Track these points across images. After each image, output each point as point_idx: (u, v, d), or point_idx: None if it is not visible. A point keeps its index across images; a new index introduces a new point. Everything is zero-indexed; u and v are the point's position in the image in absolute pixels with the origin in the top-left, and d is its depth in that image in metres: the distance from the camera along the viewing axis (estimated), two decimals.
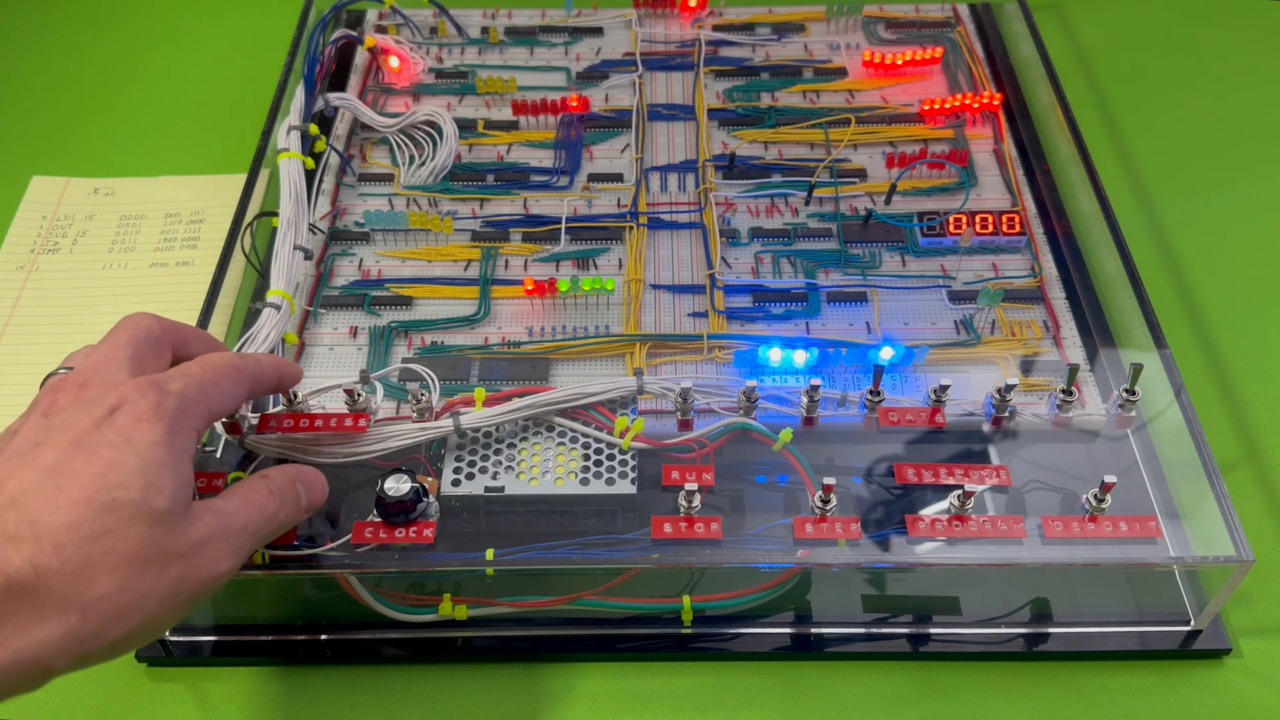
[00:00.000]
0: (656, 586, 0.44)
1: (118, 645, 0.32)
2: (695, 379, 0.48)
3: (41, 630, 0.30)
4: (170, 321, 0.40)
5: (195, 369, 0.37)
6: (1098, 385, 0.50)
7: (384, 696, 0.44)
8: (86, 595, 0.30)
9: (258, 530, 0.37)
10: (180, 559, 0.33)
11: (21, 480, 0.32)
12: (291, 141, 0.57)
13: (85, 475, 0.32)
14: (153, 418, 0.33)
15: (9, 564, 0.30)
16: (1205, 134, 0.68)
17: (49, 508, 0.31)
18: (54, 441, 0.33)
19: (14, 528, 0.30)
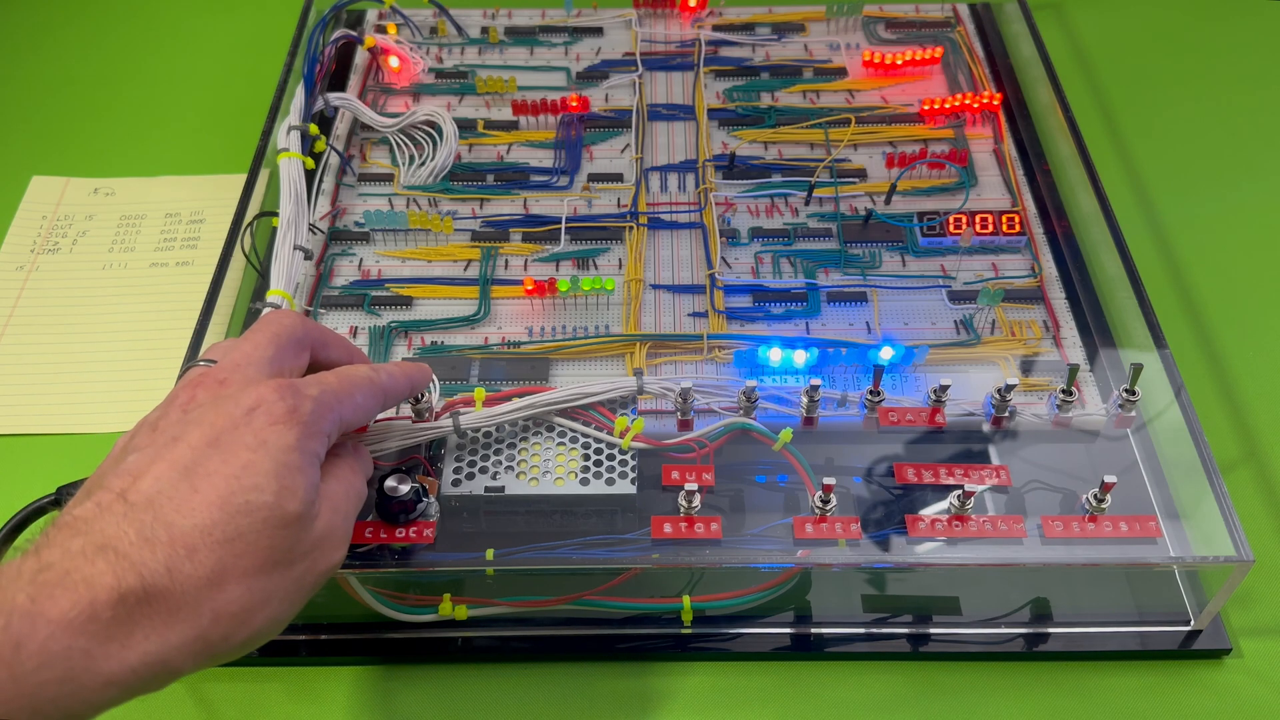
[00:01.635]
0: (656, 586, 0.44)
1: (244, 645, 0.32)
2: (695, 379, 0.48)
3: (173, 634, 0.30)
4: (312, 322, 0.41)
5: (332, 379, 0.37)
6: (1098, 385, 0.50)
7: (384, 696, 0.44)
8: (218, 600, 0.31)
9: (356, 511, 0.37)
10: (304, 556, 0.34)
11: (157, 477, 0.32)
12: (291, 141, 0.57)
13: (220, 476, 0.32)
14: (288, 421, 0.34)
15: (144, 566, 0.30)
16: (1205, 134, 0.68)
17: (184, 509, 0.31)
18: (191, 438, 0.33)
19: (150, 529, 0.30)
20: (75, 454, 0.53)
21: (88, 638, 0.28)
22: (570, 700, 0.44)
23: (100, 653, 0.29)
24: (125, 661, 0.29)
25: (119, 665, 0.29)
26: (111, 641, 0.29)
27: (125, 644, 0.29)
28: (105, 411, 0.55)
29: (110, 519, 0.30)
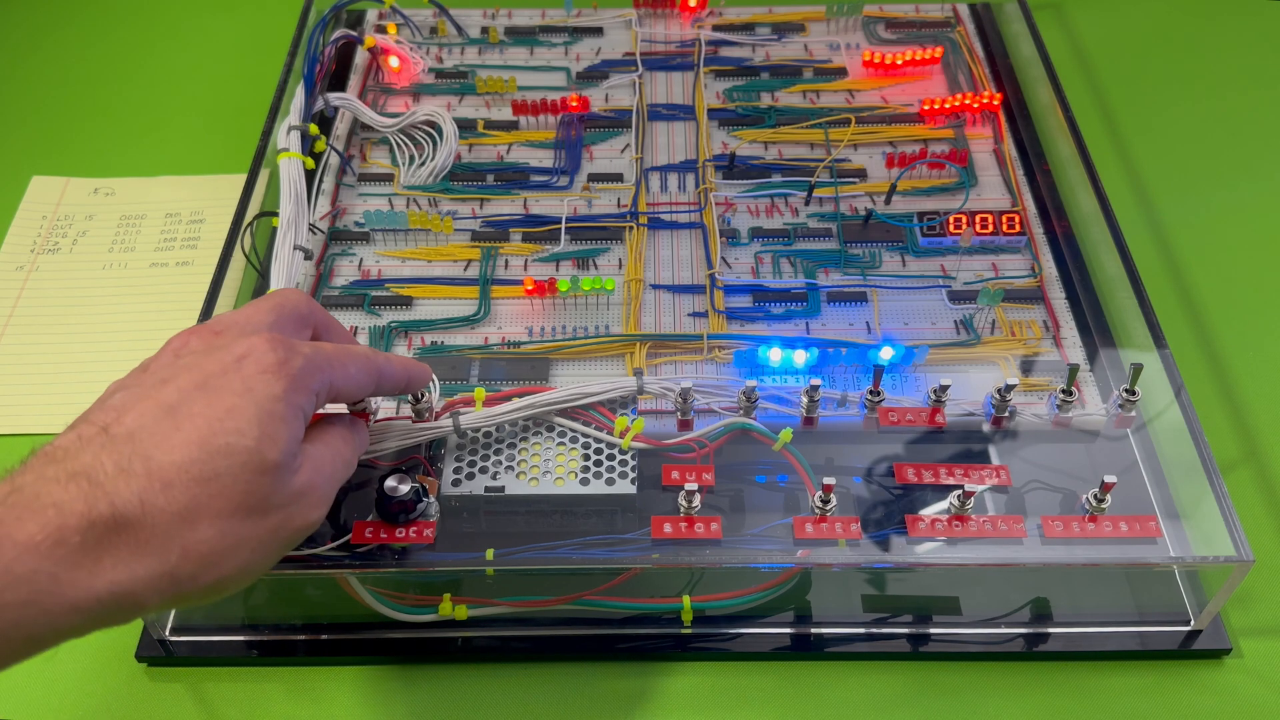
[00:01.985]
0: (656, 586, 0.44)
1: (211, 589, 0.32)
2: (695, 379, 0.48)
3: (141, 566, 0.30)
4: (318, 305, 0.41)
5: (328, 346, 0.37)
6: (1098, 385, 0.50)
7: (384, 696, 0.44)
8: (188, 537, 0.31)
9: (341, 478, 0.38)
10: (279, 509, 0.33)
11: (141, 413, 0.32)
12: (291, 141, 0.57)
13: (204, 417, 0.32)
14: (277, 371, 0.34)
15: (118, 495, 0.30)
16: (1205, 134, 0.68)
17: (164, 445, 0.31)
18: (179, 380, 0.33)
19: (127, 460, 0.31)
20: None
21: (54, 562, 0.29)
22: (570, 700, 0.44)
23: (67, 578, 0.29)
24: (91, 589, 0.29)
25: (85, 592, 0.29)
26: (78, 568, 0.29)
27: (92, 571, 0.29)
28: None
29: (89, 449, 0.31)
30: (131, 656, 0.45)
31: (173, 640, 0.45)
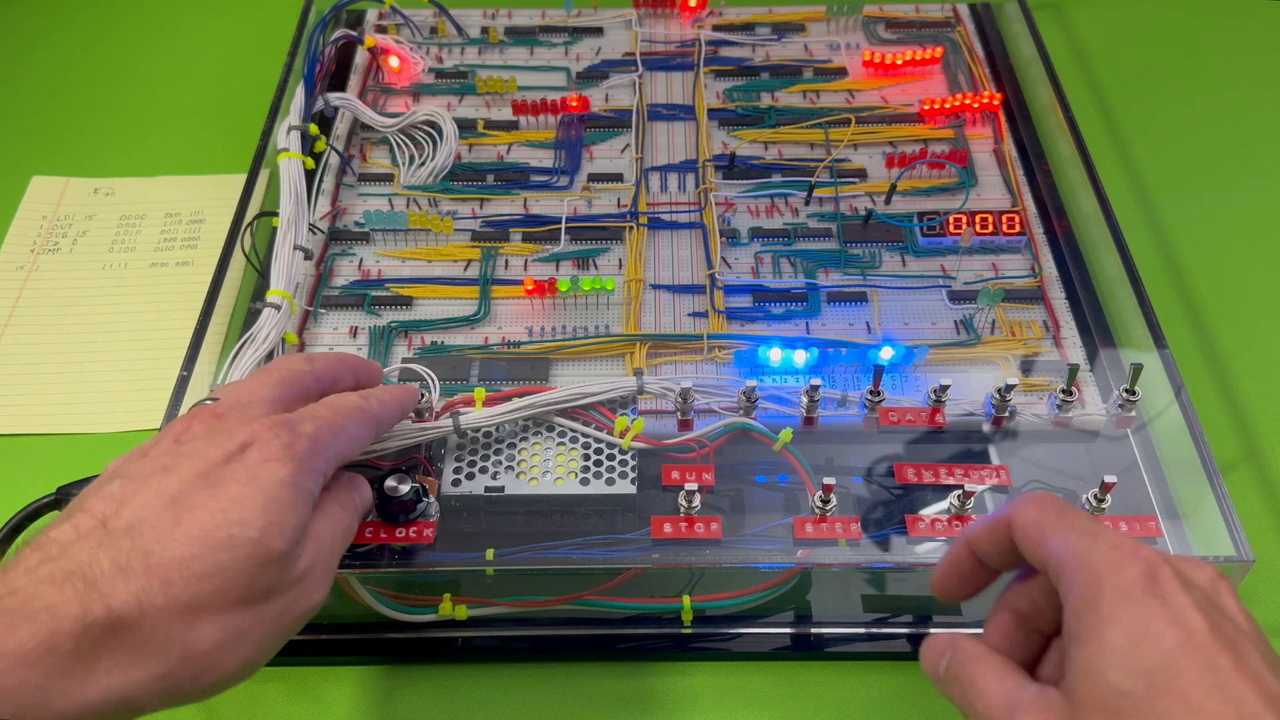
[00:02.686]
0: (656, 586, 0.44)
1: (213, 687, 0.31)
2: (695, 379, 0.48)
3: (138, 670, 0.29)
4: (322, 365, 0.40)
5: (325, 412, 0.37)
6: (1098, 385, 0.50)
7: (385, 696, 0.44)
8: (189, 636, 0.30)
9: (343, 549, 0.37)
10: (282, 595, 0.33)
11: (141, 506, 0.31)
12: (291, 141, 0.57)
13: (206, 509, 0.31)
14: (282, 458, 0.33)
15: (115, 596, 0.29)
16: (1205, 134, 0.68)
17: (164, 540, 0.30)
18: (180, 469, 0.32)
19: (125, 558, 0.29)
20: (75, 454, 0.53)
21: (44, 672, 0.27)
22: (570, 700, 0.44)
23: (57, 688, 0.27)
24: (84, 698, 0.28)
25: (76, 702, 0.28)
26: (70, 677, 0.28)
27: (85, 680, 0.28)
28: (105, 411, 0.55)
29: (86, 545, 0.30)
30: None
31: None
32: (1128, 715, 0.29)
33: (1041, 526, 0.34)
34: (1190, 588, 0.31)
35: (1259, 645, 0.31)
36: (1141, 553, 0.32)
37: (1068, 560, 0.33)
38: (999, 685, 0.34)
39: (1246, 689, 0.29)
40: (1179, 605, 0.31)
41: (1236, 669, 0.29)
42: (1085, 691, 0.31)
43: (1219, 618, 0.31)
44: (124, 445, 0.52)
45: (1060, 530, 0.34)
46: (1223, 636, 0.30)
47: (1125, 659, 0.30)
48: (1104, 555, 0.32)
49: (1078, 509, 0.34)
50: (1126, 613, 0.31)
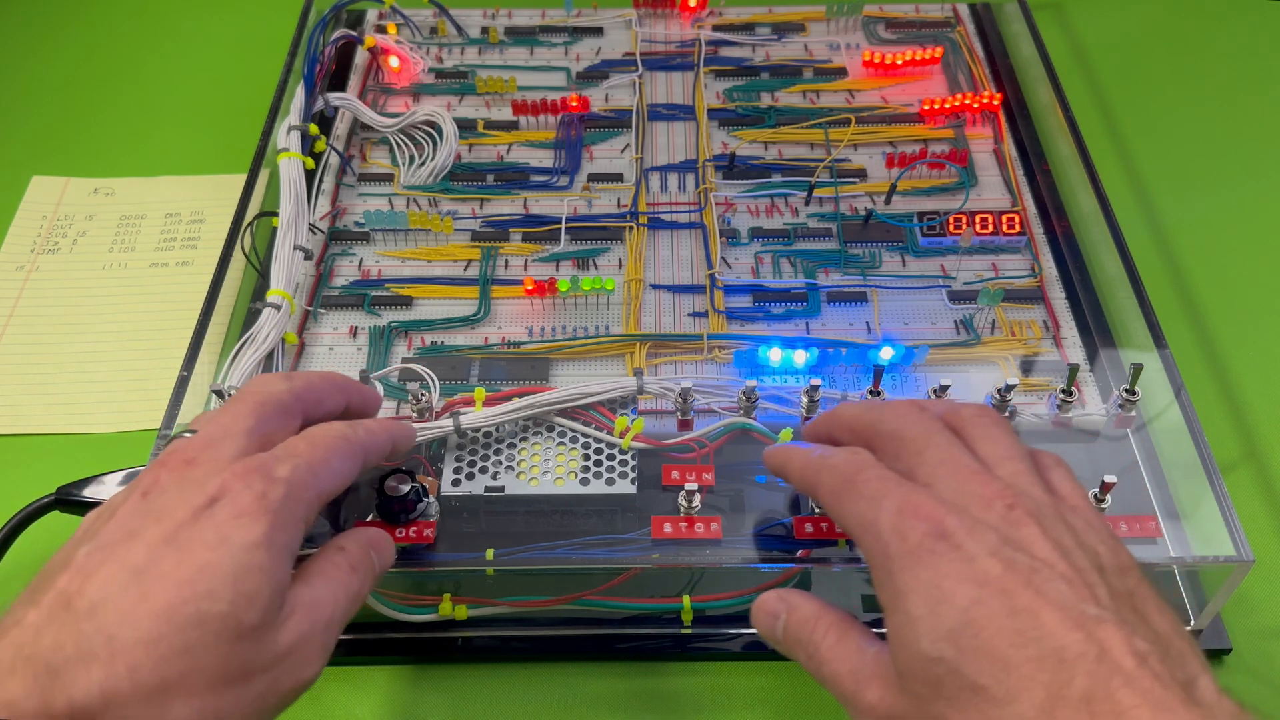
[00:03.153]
0: (656, 586, 0.44)
1: None
2: (695, 379, 0.48)
3: None
4: (304, 383, 0.37)
5: (303, 446, 0.34)
6: (1098, 385, 0.50)
7: (384, 696, 0.44)
8: None
9: (345, 618, 0.34)
10: (264, 673, 0.30)
11: (105, 581, 0.29)
12: (291, 141, 0.57)
13: (172, 580, 0.29)
14: (254, 513, 0.31)
15: (76, 687, 0.27)
16: (1205, 134, 0.68)
17: (129, 620, 0.28)
18: (147, 534, 0.30)
19: (89, 642, 0.27)
20: (75, 454, 0.53)
21: None
22: (570, 700, 0.44)
23: None
24: None
25: None
26: None
27: None
28: (105, 411, 0.55)
29: (50, 629, 0.28)
30: None
31: None
32: (944, 680, 0.29)
33: (837, 496, 0.34)
34: (980, 532, 0.31)
35: (1062, 566, 0.30)
36: (925, 509, 0.31)
37: (859, 531, 0.33)
38: (839, 648, 0.34)
39: (1049, 623, 0.29)
40: (970, 556, 0.30)
41: (1035, 606, 0.29)
42: (902, 661, 0.31)
43: (1012, 554, 0.30)
44: (124, 445, 0.53)
45: (851, 499, 0.33)
46: (1018, 575, 0.30)
47: (928, 626, 0.30)
48: (889, 521, 0.32)
49: (870, 464, 0.34)
50: (919, 578, 0.30)
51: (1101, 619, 0.28)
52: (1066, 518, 0.33)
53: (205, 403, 0.47)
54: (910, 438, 0.35)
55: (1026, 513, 0.32)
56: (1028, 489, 0.33)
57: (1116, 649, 0.28)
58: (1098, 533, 0.33)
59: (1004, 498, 0.32)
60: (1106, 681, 0.27)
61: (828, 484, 0.35)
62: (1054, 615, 0.29)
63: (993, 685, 0.28)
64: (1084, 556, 0.31)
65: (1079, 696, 0.27)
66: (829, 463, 0.35)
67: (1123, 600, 0.30)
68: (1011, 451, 0.35)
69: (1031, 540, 0.31)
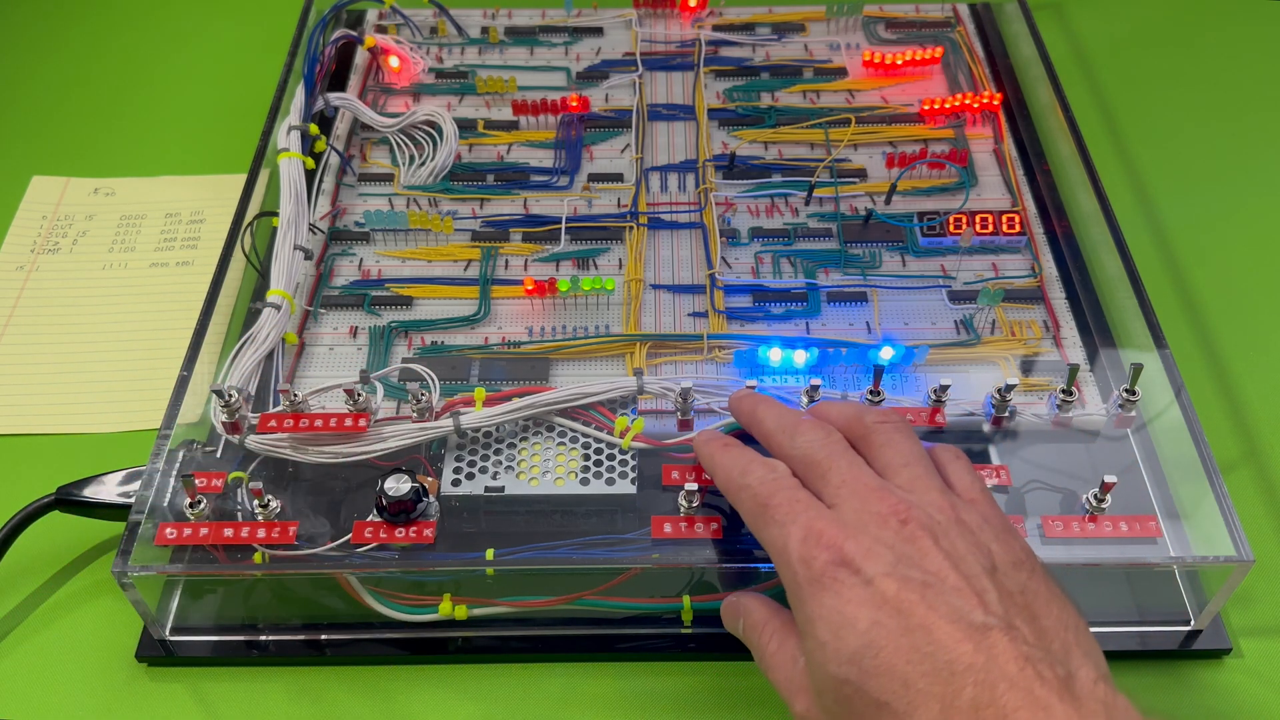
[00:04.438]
0: (656, 586, 0.44)
1: None
2: (695, 379, 0.48)
3: None
4: None
5: None
6: (1098, 385, 0.50)
7: (384, 696, 0.44)
8: None
9: None
10: None
11: None
12: (291, 141, 0.57)
13: None
14: None
15: None
16: (1205, 134, 0.68)
17: None
18: None
19: None
20: (75, 454, 0.53)
21: None
22: (570, 700, 0.44)
23: None
24: None
25: None
26: None
27: None
28: (105, 411, 0.55)
29: None
30: (131, 656, 0.45)
31: (173, 640, 0.45)
32: (852, 700, 0.31)
33: (753, 520, 0.36)
34: (877, 553, 0.33)
35: (953, 579, 0.32)
36: (826, 536, 0.33)
37: (773, 556, 0.35)
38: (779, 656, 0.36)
39: (940, 637, 0.30)
40: (868, 579, 0.32)
41: (928, 622, 0.31)
42: (817, 681, 0.33)
43: (906, 572, 0.32)
44: (124, 445, 0.53)
45: (765, 524, 0.36)
46: (912, 592, 0.31)
47: (834, 650, 0.32)
48: (796, 550, 0.34)
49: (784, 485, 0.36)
50: (824, 605, 0.32)
51: (988, 627, 0.31)
52: (963, 518, 0.35)
53: (205, 402, 0.47)
54: (815, 461, 0.37)
55: (919, 526, 0.34)
56: (922, 495, 0.35)
57: (1002, 655, 0.30)
58: (992, 528, 0.35)
59: (898, 513, 0.34)
60: (992, 688, 0.29)
61: (746, 506, 0.37)
62: (945, 629, 0.31)
63: (894, 701, 0.30)
64: (976, 560, 0.33)
65: (969, 705, 0.29)
66: (748, 483, 0.37)
67: (1012, 600, 0.32)
68: (909, 457, 0.37)
69: (924, 554, 0.33)
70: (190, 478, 0.43)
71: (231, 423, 0.46)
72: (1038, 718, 0.29)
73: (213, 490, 0.44)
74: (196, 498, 0.43)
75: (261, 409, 0.47)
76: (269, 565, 0.42)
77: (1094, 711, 0.29)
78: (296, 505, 0.45)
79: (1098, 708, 0.30)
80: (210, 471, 0.45)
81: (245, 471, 0.46)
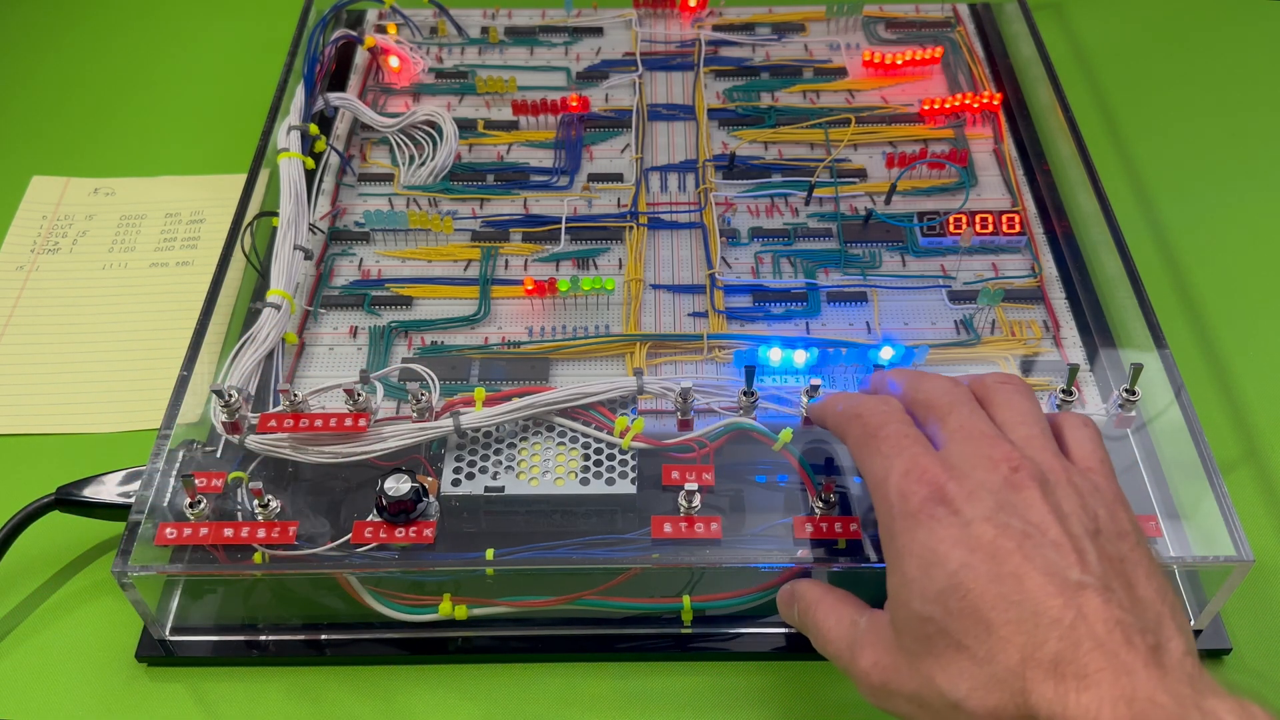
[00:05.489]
0: (656, 586, 0.44)
1: None
2: (695, 379, 0.48)
3: None
4: None
5: None
6: (1098, 385, 0.50)
7: (384, 696, 0.44)
8: None
9: None
10: None
11: None
12: (291, 141, 0.57)
13: None
14: None
15: None
16: (1205, 134, 0.68)
17: None
18: None
19: None
20: (75, 454, 0.53)
21: None
22: (571, 700, 0.44)
23: None
24: None
25: None
26: None
27: None
28: (105, 411, 0.55)
29: None
30: (131, 656, 0.45)
31: (173, 640, 0.45)
32: (933, 639, 0.31)
33: (859, 448, 0.37)
34: (979, 497, 0.32)
35: (1055, 532, 0.32)
36: (929, 474, 0.33)
37: (871, 487, 0.35)
38: (838, 626, 0.36)
39: (1031, 588, 0.30)
40: (965, 521, 0.32)
41: (1021, 571, 0.30)
42: (898, 618, 0.33)
43: (1006, 520, 0.32)
44: (124, 445, 0.53)
45: (869, 454, 0.36)
46: (1009, 540, 0.31)
47: (920, 588, 0.32)
48: (896, 483, 0.34)
49: (894, 418, 0.36)
50: (916, 540, 0.32)
51: (1083, 585, 0.30)
52: (1074, 480, 0.34)
53: (205, 402, 0.47)
54: (935, 404, 0.37)
55: (1029, 475, 0.33)
56: (1037, 453, 0.35)
57: (1092, 614, 0.29)
58: (1102, 495, 0.34)
59: (1009, 460, 0.33)
60: (1077, 645, 0.29)
61: (854, 434, 0.37)
62: (1037, 580, 0.30)
63: (974, 645, 0.30)
64: (1081, 521, 0.32)
65: (1049, 658, 0.29)
66: (859, 412, 0.38)
67: (1111, 565, 0.32)
68: (1026, 416, 0.37)
69: (1029, 504, 0.32)
70: (190, 478, 0.43)
71: (231, 423, 0.46)
72: (1120, 681, 0.28)
73: (213, 490, 0.44)
74: (196, 498, 0.43)
75: (261, 409, 0.47)
76: (269, 565, 0.42)
77: (1179, 680, 0.29)
78: (296, 505, 0.45)
79: (1183, 678, 0.29)
80: (210, 471, 0.45)
81: (245, 471, 0.46)
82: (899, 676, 0.33)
